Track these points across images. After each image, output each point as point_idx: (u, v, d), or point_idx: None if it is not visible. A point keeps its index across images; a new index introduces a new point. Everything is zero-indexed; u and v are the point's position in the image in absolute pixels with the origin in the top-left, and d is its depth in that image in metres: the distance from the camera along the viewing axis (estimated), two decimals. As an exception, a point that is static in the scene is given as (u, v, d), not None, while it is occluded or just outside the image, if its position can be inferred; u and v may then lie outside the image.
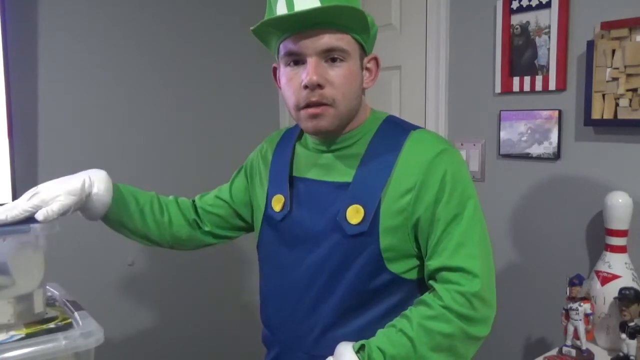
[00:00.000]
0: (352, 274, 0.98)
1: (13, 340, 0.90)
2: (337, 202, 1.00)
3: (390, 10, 1.95)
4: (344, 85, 0.97)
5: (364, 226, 0.96)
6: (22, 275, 0.97)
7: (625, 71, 1.35)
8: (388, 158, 0.99)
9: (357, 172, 1.00)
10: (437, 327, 0.90)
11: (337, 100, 0.96)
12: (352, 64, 0.98)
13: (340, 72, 0.96)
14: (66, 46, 1.89)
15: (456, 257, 0.93)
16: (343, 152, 1.04)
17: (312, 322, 1.02)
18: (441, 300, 0.91)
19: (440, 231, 0.95)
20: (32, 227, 0.95)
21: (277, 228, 1.09)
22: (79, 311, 1.02)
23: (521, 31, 1.58)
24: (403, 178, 0.97)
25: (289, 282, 1.06)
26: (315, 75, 0.93)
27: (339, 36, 0.95)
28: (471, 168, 1.75)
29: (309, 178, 1.07)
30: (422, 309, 0.93)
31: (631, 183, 1.40)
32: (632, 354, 1.17)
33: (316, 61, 0.94)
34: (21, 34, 1.80)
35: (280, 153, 1.14)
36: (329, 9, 0.90)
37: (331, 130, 1.00)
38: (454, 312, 0.90)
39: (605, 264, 1.33)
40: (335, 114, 0.97)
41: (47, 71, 1.86)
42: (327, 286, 1.00)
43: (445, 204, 0.95)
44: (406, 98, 1.93)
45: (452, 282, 0.92)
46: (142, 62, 2.05)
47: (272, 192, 1.11)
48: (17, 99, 1.78)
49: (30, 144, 1.85)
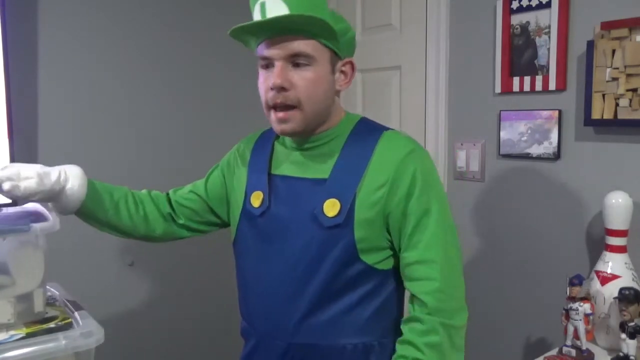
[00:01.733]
0: (328, 263, 1.04)
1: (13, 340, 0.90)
2: (314, 197, 1.07)
3: (390, 10, 1.95)
4: (308, 88, 1.03)
5: (340, 218, 1.04)
6: (22, 274, 0.98)
7: (625, 71, 1.35)
8: (363, 155, 1.07)
9: (334, 169, 1.08)
10: (435, 339, 1.00)
11: (302, 102, 1.03)
12: (319, 68, 1.04)
13: (305, 75, 1.03)
14: (66, 46, 1.89)
15: (430, 251, 1.03)
16: (319, 150, 1.11)
17: (291, 311, 1.08)
18: (426, 307, 1.01)
19: (412, 224, 1.03)
20: (32, 226, 0.95)
21: (256, 223, 1.14)
22: (79, 311, 1.02)
23: (521, 31, 1.58)
24: (377, 174, 1.05)
25: (267, 274, 1.12)
26: (279, 79, 1.01)
27: (306, 42, 1.02)
28: (471, 168, 1.75)
29: (286, 175, 1.13)
30: (417, 327, 1.02)
31: (631, 183, 1.40)
32: (632, 354, 1.17)
33: (282, 65, 1.02)
34: (21, 34, 1.80)
35: (258, 152, 1.21)
36: (293, 17, 0.97)
37: (298, 132, 1.07)
38: (439, 315, 1.01)
39: (605, 264, 1.33)
40: (301, 116, 1.05)
41: (47, 71, 1.86)
42: (305, 276, 1.06)
43: (416, 199, 1.04)
44: (406, 98, 1.93)
45: (427, 280, 1.02)
46: (142, 62, 2.06)
47: (251, 188, 1.17)
48: (17, 99, 1.78)
49: (30, 144, 1.85)
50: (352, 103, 2.13)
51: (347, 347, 1.07)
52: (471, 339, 1.82)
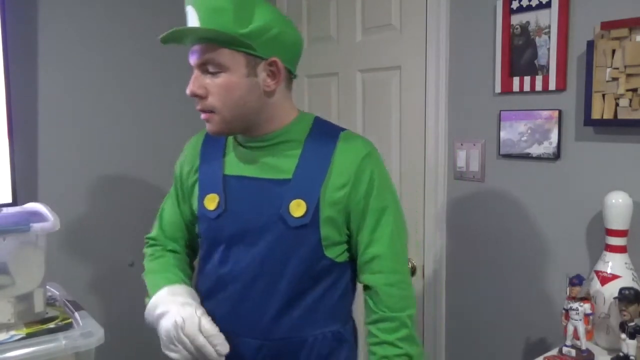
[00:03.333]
0: (296, 262, 1.10)
1: (13, 340, 0.90)
2: (277, 197, 1.10)
3: (390, 10, 1.95)
4: (221, 95, 1.07)
5: (307, 218, 1.09)
6: (22, 274, 0.98)
7: (625, 71, 1.35)
8: (324, 156, 1.12)
9: (297, 170, 1.11)
10: (406, 332, 1.11)
11: (218, 108, 1.08)
12: (231, 74, 1.06)
13: (217, 83, 1.07)
14: (66, 46, 1.89)
15: (393, 246, 1.13)
16: (275, 150, 1.14)
17: (262, 310, 1.12)
18: (389, 303, 1.11)
19: (373, 221, 1.12)
20: (32, 226, 0.96)
21: (213, 226, 1.16)
22: (79, 311, 1.02)
23: (521, 31, 1.58)
24: (339, 174, 1.11)
25: (232, 276, 1.14)
26: (192, 87, 1.07)
27: (218, 51, 1.05)
28: (471, 168, 1.75)
29: (245, 176, 1.15)
30: (389, 325, 1.11)
31: (631, 183, 1.40)
32: (632, 354, 1.17)
33: (197, 73, 1.08)
34: (21, 34, 1.80)
35: (208, 154, 1.22)
36: (191, 30, 1.05)
37: (223, 132, 1.12)
38: (403, 307, 1.12)
39: (605, 264, 1.33)
40: (220, 119, 1.09)
41: (47, 71, 1.86)
42: (274, 275, 1.11)
43: (375, 198, 1.12)
44: (406, 98, 1.93)
45: (388, 272, 1.12)
46: (142, 62, 2.06)
47: (205, 192, 1.18)
48: (17, 99, 1.78)
49: (30, 144, 1.85)
50: (351, 103, 2.14)
51: (317, 337, 1.14)
52: (471, 338, 1.82)
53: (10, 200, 1.71)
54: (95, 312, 1.10)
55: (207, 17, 1.04)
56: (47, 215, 1.04)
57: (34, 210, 1.11)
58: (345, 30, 2.13)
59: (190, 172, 1.23)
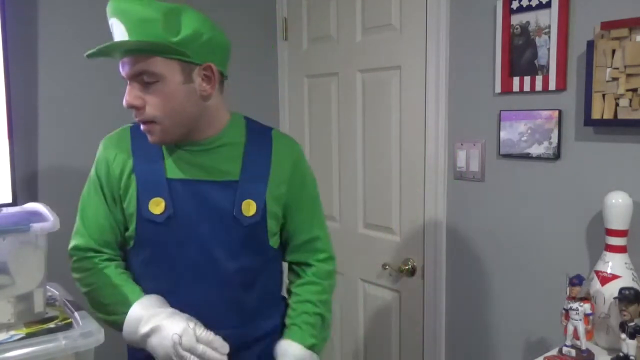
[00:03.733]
0: (249, 256, 1.19)
1: (13, 340, 0.90)
2: (227, 198, 1.16)
3: (390, 10, 1.95)
4: (159, 104, 1.08)
5: (257, 216, 1.18)
6: (22, 274, 0.97)
7: (625, 71, 1.35)
8: (264, 156, 1.21)
9: (243, 171, 1.18)
10: (326, 297, 1.29)
11: (158, 118, 1.09)
12: (168, 83, 1.07)
13: (154, 92, 1.07)
14: (66, 46, 1.89)
15: (323, 229, 1.32)
16: (221, 153, 1.18)
17: (224, 306, 1.18)
18: (318, 273, 1.29)
19: (307, 211, 1.28)
20: (32, 226, 0.95)
21: (160, 230, 1.15)
22: (79, 311, 1.02)
23: (521, 31, 1.58)
24: (278, 172, 1.21)
25: (186, 277, 1.17)
26: (129, 98, 1.08)
27: (151, 60, 1.06)
28: (471, 168, 1.75)
29: (188, 179, 1.16)
30: (313, 288, 1.28)
31: (631, 183, 1.40)
32: (632, 354, 1.17)
33: (133, 84, 1.08)
34: (21, 34, 1.80)
35: (143, 154, 1.19)
36: (119, 44, 1.04)
37: (166, 141, 1.14)
38: (328, 278, 1.31)
39: (605, 264, 1.33)
40: (162, 128, 1.10)
41: (47, 71, 1.86)
42: (228, 271, 1.17)
43: (306, 190, 1.28)
44: (406, 98, 1.93)
45: (321, 251, 1.30)
46: (142, 62, 2.05)
47: (147, 195, 1.16)
48: (17, 99, 1.78)
49: (30, 144, 1.85)
50: (351, 103, 2.14)
51: (278, 326, 1.27)
52: (471, 338, 1.82)
53: (10, 200, 1.71)
54: (95, 312, 1.09)
55: (136, 28, 1.04)
56: (47, 215, 1.03)
57: (34, 210, 1.10)
58: (345, 30, 2.13)
59: (123, 172, 1.18)
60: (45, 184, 1.88)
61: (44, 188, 1.88)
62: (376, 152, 2.06)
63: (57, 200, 1.72)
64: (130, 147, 1.20)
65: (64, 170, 1.93)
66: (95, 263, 1.19)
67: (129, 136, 1.22)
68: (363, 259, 2.15)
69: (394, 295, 2.06)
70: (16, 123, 1.75)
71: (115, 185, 1.20)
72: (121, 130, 1.25)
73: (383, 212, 2.06)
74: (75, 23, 1.90)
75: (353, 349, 2.26)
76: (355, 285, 2.21)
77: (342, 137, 2.20)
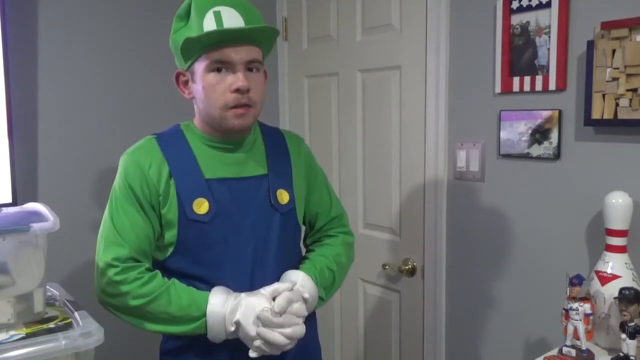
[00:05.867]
0: (288, 241, 1.30)
1: (13, 340, 0.90)
2: (261, 190, 1.25)
3: (390, 10, 1.95)
4: (260, 91, 1.20)
5: (292, 204, 1.29)
6: (22, 274, 0.98)
7: (625, 71, 1.35)
8: (282, 152, 1.33)
9: (270, 166, 1.28)
10: (344, 260, 1.38)
11: (257, 103, 1.19)
12: (262, 73, 1.22)
13: (258, 79, 1.19)
14: (66, 47, 1.89)
15: (339, 207, 1.46)
16: (247, 150, 1.26)
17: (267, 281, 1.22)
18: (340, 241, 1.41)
19: (326, 190, 1.42)
20: (32, 226, 0.95)
21: (206, 230, 1.19)
22: (79, 311, 1.02)
23: (521, 31, 1.58)
24: (297, 163, 1.34)
25: (233, 272, 1.21)
26: (247, 82, 1.15)
27: (257, 50, 1.18)
28: (471, 168, 1.75)
29: (226, 177, 1.23)
30: (333, 250, 1.37)
31: (631, 183, 1.40)
32: (632, 354, 1.17)
33: (244, 70, 1.16)
34: (21, 34, 1.80)
35: (177, 160, 1.21)
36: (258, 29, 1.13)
37: (250, 127, 1.23)
38: (348, 247, 1.42)
39: (606, 264, 1.33)
40: (254, 113, 1.20)
41: (47, 71, 1.86)
42: (271, 260, 1.25)
43: (321, 176, 1.43)
44: (406, 98, 1.93)
45: (344, 225, 1.45)
46: (142, 62, 2.06)
47: (190, 197, 1.18)
48: (17, 99, 1.78)
49: (30, 144, 1.85)
50: (351, 103, 2.14)
51: None
52: (471, 338, 1.82)
53: (10, 200, 1.71)
54: (95, 312, 1.10)
55: (252, 17, 1.16)
56: (47, 215, 1.03)
57: (34, 210, 1.11)
58: (345, 30, 2.13)
59: (161, 178, 1.18)
60: (45, 184, 1.88)
61: (44, 188, 1.88)
62: (376, 152, 2.06)
63: (57, 200, 1.72)
64: (162, 154, 1.21)
65: (64, 170, 1.93)
66: (142, 272, 1.15)
67: (157, 145, 1.22)
68: (363, 259, 2.15)
69: (394, 295, 2.06)
70: (16, 123, 1.75)
71: (153, 193, 1.18)
72: (146, 141, 1.24)
73: (383, 212, 2.06)
74: (75, 23, 1.90)
75: (353, 349, 2.26)
76: (355, 285, 2.21)
77: (342, 137, 2.20)
